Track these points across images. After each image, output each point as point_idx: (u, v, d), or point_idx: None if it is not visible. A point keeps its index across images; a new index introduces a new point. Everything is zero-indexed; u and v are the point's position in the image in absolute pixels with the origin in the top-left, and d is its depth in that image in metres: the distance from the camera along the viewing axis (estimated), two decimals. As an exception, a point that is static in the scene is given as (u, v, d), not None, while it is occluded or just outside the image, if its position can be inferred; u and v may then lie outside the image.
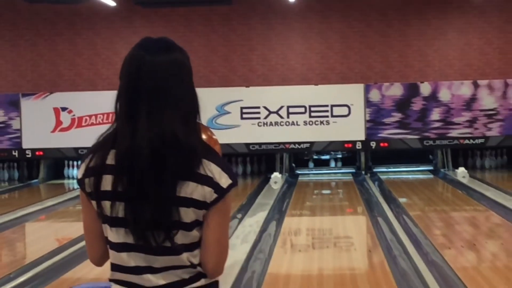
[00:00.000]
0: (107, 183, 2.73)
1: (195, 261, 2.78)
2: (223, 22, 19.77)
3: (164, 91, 2.74)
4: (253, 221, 12.32)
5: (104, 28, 19.83)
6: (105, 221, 2.79)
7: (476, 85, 19.06)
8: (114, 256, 2.82)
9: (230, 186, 2.76)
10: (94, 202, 2.79)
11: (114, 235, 2.78)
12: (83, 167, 2.82)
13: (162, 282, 2.75)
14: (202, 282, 2.80)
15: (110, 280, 2.85)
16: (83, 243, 10.92)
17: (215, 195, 2.72)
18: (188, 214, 2.71)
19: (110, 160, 2.74)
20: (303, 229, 12.35)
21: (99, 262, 2.94)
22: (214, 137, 3.29)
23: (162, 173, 2.67)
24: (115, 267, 2.83)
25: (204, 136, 3.27)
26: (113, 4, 18.84)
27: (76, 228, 12.72)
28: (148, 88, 2.73)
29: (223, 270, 2.84)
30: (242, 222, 12.30)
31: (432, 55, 19.68)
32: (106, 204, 2.74)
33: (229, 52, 19.83)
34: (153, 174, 2.66)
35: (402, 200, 14.62)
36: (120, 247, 2.78)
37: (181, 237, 2.73)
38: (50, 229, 13.51)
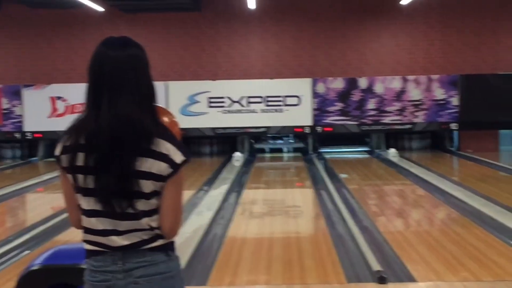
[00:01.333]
0: (80, 159, 2.78)
1: (154, 224, 2.82)
2: (195, 26, 19.64)
3: (121, 80, 2.78)
4: (217, 193, 12.27)
5: (94, 29, 19.60)
6: (78, 191, 2.83)
7: (405, 80, 19.13)
8: (86, 221, 2.87)
9: (184, 162, 2.82)
10: (70, 176, 2.84)
11: (86, 203, 2.82)
12: (60, 146, 2.86)
13: (125, 242, 2.81)
14: (159, 242, 2.85)
15: (83, 241, 2.92)
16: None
17: (170, 170, 2.78)
18: (147, 186, 2.77)
19: (82, 140, 2.77)
20: (259, 199, 12.34)
21: (78, 225, 2.95)
22: (174, 119, 3.25)
23: (121, 150, 2.73)
24: (86, 230, 2.89)
25: (165, 119, 3.27)
26: (101, 9, 18.71)
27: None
28: (109, 78, 2.77)
29: (178, 232, 2.87)
30: (208, 193, 12.28)
31: (369, 54, 19.67)
32: (80, 177, 2.79)
33: (199, 51, 19.72)
34: (113, 151, 2.72)
35: (342, 175, 14.64)
36: (90, 213, 2.83)
37: (141, 205, 2.78)
38: (46, 199, 13.39)
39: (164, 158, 2.78)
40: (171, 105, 18.67)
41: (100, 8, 18.57)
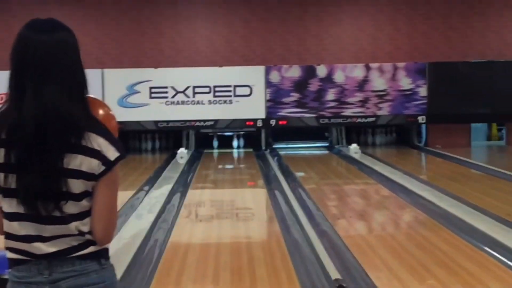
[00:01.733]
0: (4, 156, 2.71)
1: (85, 229, 2.79)
2: (134, 7, 19.56)
3: (47, 68, 2.72)
4: (159, 193, 12.25)
5: (19, 8, 19.35)
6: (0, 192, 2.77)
7: (368, 68, 19.28)
8: (7, 225, 2.80)
9: (118, 159, 2.79)
10: None
11: (7, 205, 2.76)
12: None
13: (52, 249, 2.75)
14: (91, 249, 2.80)
15: (6, 248, 2.82)
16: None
17: (103, 167, 2.75)
18: (77, 185, 2.73)
19: (3, 134, 2.71)
20: (206, 200, 12.35)
21: (0, 231, 2.86)
22: (111, 112, 3.21)
23: (46, 146, 2.67)
24: (8, 236, 2.81)
25: (100, 112, 3.21)
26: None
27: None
28: (34, 65, 2.72)
29: (112, 238, 2.85)
30: (148, 194, 12.23)
31: (328, 39, 19.78)
32: (0, 176, 2.73)
33: (139, 36, 19.63)
34: (38, 146, 2.67)
35: (298, 174, 14.70)
36: (12, 217, 2.76)
37: (70, 207, 2.73)
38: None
39: (96, 154, 2.74)
40: (107, 95, 18.58)
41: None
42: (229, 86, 19.23)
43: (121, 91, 18.96)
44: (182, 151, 17.69)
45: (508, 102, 19.26)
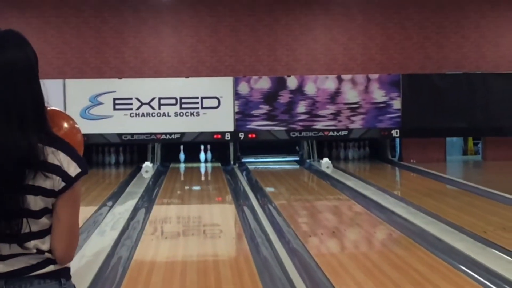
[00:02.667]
0: None
1: (45, 247, 2.77)
2: (95, 13, 19.53)
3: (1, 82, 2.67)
4: (122, 209, 12.20)
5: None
6: None
7: (340, 80, 19.35)
8: None
9: (79, 175, 2.77)
10: None
11: None
12: None
13: (8, 269, 2.73)
14: (51, 268, 2.78)
15: None
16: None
17: (63, 184, 2.73)
18: (36, 202, 2.71)
19: None
20: (172, 216, 12.31)
21: None
22: (76, 126, 3.16)
23: (4, 163, 2.64)
24: None
25: (65, 125, 3.15)
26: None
27: None
28: None
29: (73, 256, 2.84)
30: (111, 210, 12.17)
31: (299, 50, 19.85)
32: None
33: (101, 44, 19.60)
34: None
35: (268, 189, 14.73)
36: None
37: (29, 225, 2.71)
38: None
39: (56, 170, 2.72)
40: (69, 106, 18.57)
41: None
42: (196, 97, 19.22)
43: (84, 102, 18.87)
44: (147, 165, 17.64)
45: (485, 115, 19.39)
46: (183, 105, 19.21)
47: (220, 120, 19.22)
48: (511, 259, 8.28)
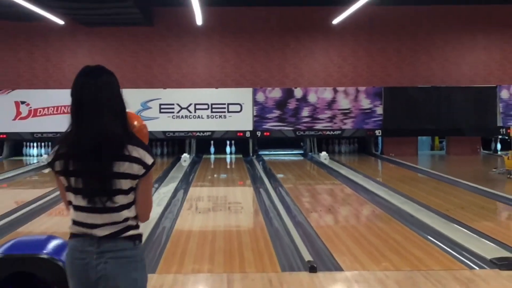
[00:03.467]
0: (71, 165, 3.11)
1: (131, 215, 3.18)
2: (146, 39, 19.53)
3: (97, 102, 3.11)
4: (166, 190, 12.20)
5: (54, 40, 19.40)
6: (69, 190, 3.16)
7: (335, 91, 19.30)
8: (74, 215, 3.17)
9: (153, 164, 3.19)
10: (62, 178, 3.16)
11: (75, 199, 3.14)
12: (52, 154, 3.18)
13: (102, 233, 3.12)
14: (130, 233, 3.17)
15: (71, 233, 3.21)
16: (35, 205, 10.73)
17: (143, 170, 3.15)
18: (126, 184, 3.12)
19: (71, 150, 3.11)
20: (204, 196, 12.27)
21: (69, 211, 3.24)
22: (143, 123, 3.54)
23: (100, 158, 3.07)
24: (74, 222, 3.18)
25: (135, 123, 3.51)
26: (62, 22, 18.43)
27: (29, 193, 12.45)
28: (88, 102, 3.11)
29: (149, 217, 3.29)
30: (158, 190, 12.16)
31: (304, 68, 19.78)
32: (72, 179, 3.12)
33: (151, 62, 19.60)
34: (94, 158, 3.07)
35: (279, 175, 14.70)
36: (78, 208, 3.14)
37: (121, 199, 3.13)
38: (10, 194, 13.14)
39: (138, 161, 3.12)
40: (125, 110, 18.49)
41: (60, 21, 18.30)
42: (224, 104, 19.18)
43: (137, 107, 18.87)
44: (185, 156, 17.62)
45: (448, 119, 19.33)
46: (213, 110, 19.18)
47: (242, 122, 19.19)
48: (468, 231, 8.26)
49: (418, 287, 5.92)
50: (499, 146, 19.79)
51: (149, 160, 3.18)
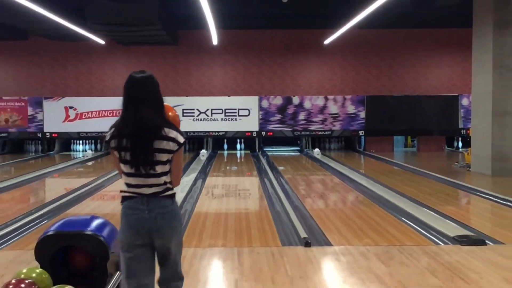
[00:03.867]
0: (124, 143, 3.44)
1: (168, 180, 3.51)
2: (172, 56, 19.55)
3: (142, 96, 3.47)
4: (188, 179, 12.15)
5: (96, 57, 19.45)
6: (121, 162, 3.49)
7: (326, 99, 19.26)
8: (126, 179, 3.52)
9: (184, 142, 3.52)
10: (116, 152, 3.49)
11: (125, 168, 3.49)
12: (109, 135, 3.51)
13: (149, 191, 3.47)
14: (168, 192, 3.52)
15: (123, 196, 3.53)
16: (80, 191, 10.76)
17: (177, 146, 3.49)
18: (164, 156, 3.46)
19: (122, 132, 3.45)
20: (219, 184, 12.25)
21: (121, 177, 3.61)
22: (176, 113, 3.94)
23: (144, 137, 3.42)
24: (127, 185, 3.52)
25: (170, 113, 3.73)
26: (102, 42, 18.50)
27: (76, 182, 12.47)
28: (135, 94, 3.48)
29: (180, 182, 3.66)
30: (181, 179, 12.12)
31: (301, 80, 19.76)
32: (122, 153, 3.46)
33: (175, 75, 19.61)
34: (138, 138, 3.42)
35: (280, 168, 14.67)
36: (128, 175, 3.50)
37: (161, 168, 3.46)
38: (61, 182, 13.17)
39: (173, 140, 3.46)
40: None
41: (101, 41, 18.37)
42: (235, 109, 19.14)
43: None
44: (203, 151, 17.63)
45: (418, 122, 19.30)
46: (226, 114, 19.14)
47: (250, 124, 19.17)
48: (434, 214, 8.24)
49: (393, 259, 5.92)
50: (460, 144, 19.75)
51: (181, 139, 3.51)
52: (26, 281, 3.16)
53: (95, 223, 3.88)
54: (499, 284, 5.07)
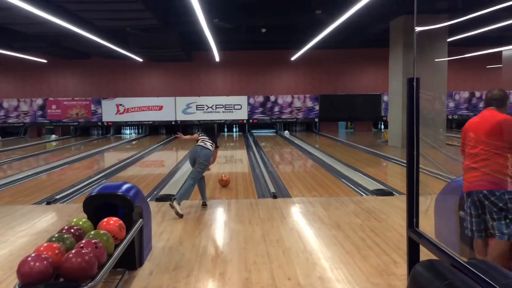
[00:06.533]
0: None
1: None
2: (188, 69, 19.30)
3: (211, 129, 4.99)
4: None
5: (137, 70, 19.18)
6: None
7: (293, 97, 19.16)
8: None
9: (217, 146, 4.68)
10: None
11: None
12: (197, 134, 4.84)
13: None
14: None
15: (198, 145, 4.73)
16: (128, 160, 10.63)
17: (215, 146, 4.38)
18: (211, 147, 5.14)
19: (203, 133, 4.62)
20: (221, 155, 12.12)
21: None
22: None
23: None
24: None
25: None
26: (140, 60, 18.22)
27: (124, 155, 12.38)
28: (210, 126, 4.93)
29: (216, 160, 4.31)
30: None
31: (275, 84, 19.56)
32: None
33: (190, 80, 19.40)
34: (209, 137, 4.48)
35: (262, 144, 14.62)
36: None
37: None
38: (114, 155, 13.05)
39: (214, 145, 5.15)
40: (177, 109, 18.48)
41: (139, 59, 18.11)
42: (231, 104, 19.01)
43: (183, 106, 18.74)
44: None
45: (355, 112, 19.28)
46: (226, 108, 19.00)
47: (242, 114, 19.02)
48: (361, 174, 8.25)
49: (331, 205, 5.94)
50: (382, 127, 19.75)
51: (214, 146, 5.44)
52: (75, 227, 3.12)
53: (125, 187, 3.84)
54: (400, 222, 5.10)
